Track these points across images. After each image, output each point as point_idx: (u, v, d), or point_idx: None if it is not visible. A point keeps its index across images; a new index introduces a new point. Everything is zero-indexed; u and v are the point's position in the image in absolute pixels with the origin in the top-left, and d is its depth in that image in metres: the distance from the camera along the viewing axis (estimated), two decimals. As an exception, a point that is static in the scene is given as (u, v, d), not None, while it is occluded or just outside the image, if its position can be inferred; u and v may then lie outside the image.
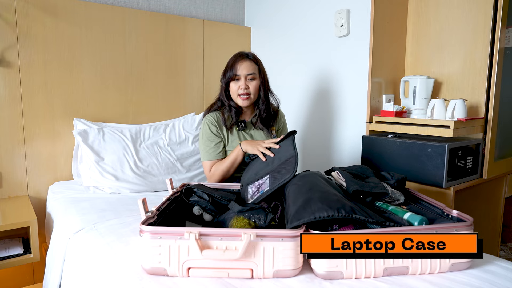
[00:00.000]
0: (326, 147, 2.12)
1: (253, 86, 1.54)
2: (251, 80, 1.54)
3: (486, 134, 1.55)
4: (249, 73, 1.53)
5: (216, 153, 1.57)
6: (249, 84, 1.53)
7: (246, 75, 1.52)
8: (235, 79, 1.53)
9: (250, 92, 1.54)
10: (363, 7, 1.84)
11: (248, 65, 1.53)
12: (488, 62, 1.53)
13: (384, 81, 1.77)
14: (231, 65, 1.53)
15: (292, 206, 0.98)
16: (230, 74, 1.53)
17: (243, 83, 1.52)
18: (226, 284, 0.87)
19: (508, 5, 1.50)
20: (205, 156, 1.58)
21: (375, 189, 1.10)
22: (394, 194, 1.14)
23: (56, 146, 1.94)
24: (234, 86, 1.54)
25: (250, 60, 1.55)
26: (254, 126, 1.64)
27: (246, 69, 1.52)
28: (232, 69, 1.53)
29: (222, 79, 1.58)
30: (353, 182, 1.13)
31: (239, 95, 1.54)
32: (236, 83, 1.54)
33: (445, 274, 0.92)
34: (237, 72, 1.52)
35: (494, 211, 1.76)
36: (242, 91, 1.53)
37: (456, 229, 0.91)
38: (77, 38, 1.95)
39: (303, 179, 1.12)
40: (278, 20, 2.39)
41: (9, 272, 1.85)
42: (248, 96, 1.54)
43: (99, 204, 1.58)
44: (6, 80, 1.79)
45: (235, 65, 1.52)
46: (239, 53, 1.57)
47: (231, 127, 1.58)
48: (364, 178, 1.21)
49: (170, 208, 1.11)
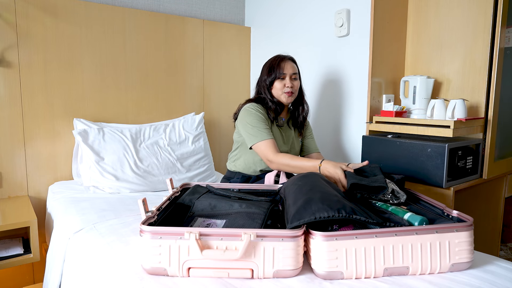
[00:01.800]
0: (326, 147, 2.12)
1: (296, 86, 1.64)
2: (294, 79, 1.63)
3: (486, 134, 1.55)
4: (294, 73, 1.62)
5: (271, 133, 1.56)
6: (293, 82, 1.62)
7: (291, 74, 1.61)
8: (280, 77, 1.60)
9: (294, 90, 1.63)
10: (363, 7, 1.84)
11: (292, 65, 1.64)
12: (488, 62, 1.53)
13: (384, 81, 1.77)
14: (278, 65, 1.61)
15: (293, 206, 0.99)
16: (277, 73, 1.60)
17: (288, 81, 1.60)
18: (226, 284, 0.87)
19: (508, 5, 1.49)
20: (263, 135, 1.51)
21: (373, 183, 1.10)
22: (398, 193, 1.14)
23: (56, 146, 1.94)
24: (279, 84, 1.61)
25: (293, 62, 1.66)
26: (288, 126, 1.73)
27: (292, 69, 1.62)
28: (279, 68, 1.60)
29: (266, 78, 1.63)
30: (351, 177, 1.13)
31: (284, 93, 1.61)
32: (281, 81, 1.61)
33: (445, 274, 0.92)
34: (284, 71, 1.60)
35: (494, 211, 1.76)
36: (288, 89, 1.60)
37: (456, 229, 0.92)
38: (77, 38, 1.95)
39: (303, 179, 1.12)
40: (278, 20, 2.39)
41: (9, 272, 1.85)
42: (292, 93, 1.62)
43: (99, 204, 1.59)
44: (6, 80, 1.79)
45: (281, 65, 1.61)
46: (280, 55, 1.66)
47: (273, 121, 1.65)
48: (368, 176, 1.21)
49: (171, 208, 1.11)
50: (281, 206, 1.13)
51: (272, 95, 1.64)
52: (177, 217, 1.11)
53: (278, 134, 1.66)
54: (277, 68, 1.61)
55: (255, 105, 1.61)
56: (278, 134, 1.66)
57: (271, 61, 1.65)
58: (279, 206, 1.13)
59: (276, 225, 1.05)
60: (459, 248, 0.91)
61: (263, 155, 1.51)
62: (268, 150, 1.49)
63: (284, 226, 0.99)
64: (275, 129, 1.66)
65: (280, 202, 1.19)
